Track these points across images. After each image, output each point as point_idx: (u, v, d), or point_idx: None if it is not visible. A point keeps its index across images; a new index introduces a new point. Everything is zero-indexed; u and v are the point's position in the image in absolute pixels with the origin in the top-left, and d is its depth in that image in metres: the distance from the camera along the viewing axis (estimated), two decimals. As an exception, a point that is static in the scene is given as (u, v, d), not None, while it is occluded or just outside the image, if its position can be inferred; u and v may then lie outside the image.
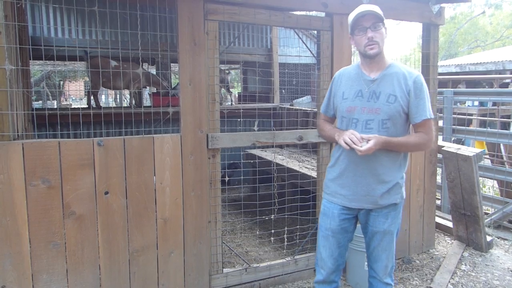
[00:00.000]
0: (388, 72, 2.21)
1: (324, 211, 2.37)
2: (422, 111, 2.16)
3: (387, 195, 2.23)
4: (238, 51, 6.86)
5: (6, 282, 2.40)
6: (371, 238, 2.32)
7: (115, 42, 5.67)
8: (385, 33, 2.19)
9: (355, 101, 2.21)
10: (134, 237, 2.74)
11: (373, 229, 2.29)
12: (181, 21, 2.81)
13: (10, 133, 2.38)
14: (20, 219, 2.42)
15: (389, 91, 2.17)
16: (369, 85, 2.21)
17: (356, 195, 2.24)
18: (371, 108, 2.17)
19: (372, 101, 2.18)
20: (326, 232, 2.34)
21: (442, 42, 23.64)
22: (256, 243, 4.25)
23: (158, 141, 2.78)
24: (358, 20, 2.16)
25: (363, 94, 2.21)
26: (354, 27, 2.19)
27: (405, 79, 2.18)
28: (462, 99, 6.59)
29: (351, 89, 2.26)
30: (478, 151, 3.91)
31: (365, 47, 2.16)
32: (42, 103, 14.47)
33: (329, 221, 2.32)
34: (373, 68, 2.23)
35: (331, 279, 2.39)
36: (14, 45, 2.61)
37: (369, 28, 2.13)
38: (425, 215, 4.00)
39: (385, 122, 2.15)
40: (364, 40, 2.15)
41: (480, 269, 3.68)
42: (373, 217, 2.27)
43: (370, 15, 2.12)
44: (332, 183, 2.33)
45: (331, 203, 2.33)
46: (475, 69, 11.50)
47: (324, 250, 2.36)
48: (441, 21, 3.87)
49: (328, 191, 2.37)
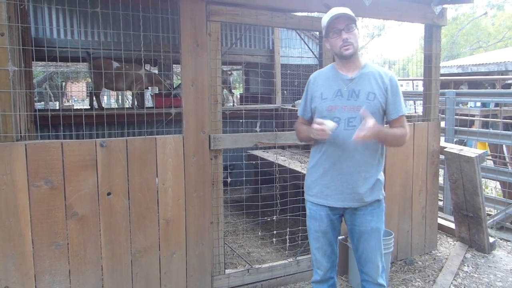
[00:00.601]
0: (364, 71, 2.29)
1: (311, 214, 2.38)
2: (399, 108, 2.27)
3: (370, 191, 2.28)
4: (240, 52, 6.87)
5: (9, 283, 2.41)
6: (359, 238, 2.34)
7: (117, 43, 5.68)
8: (358, 33, 2.26)
9: (335, 101, 2.26)
10: (136, 238, 2.74)
11: (361, 228, 2.31)
12: (184, 22, 2.81)
13: (13, 134, 2.39)
14: (23, 220, 2.42)
15: (368, 89, 2.24)
16: (348, 84, 2.27)
17: (342, 194, 2.26)
18: (352, 106, 2.23)
19: (353, 100, 2.24)
20: (316, 234, 2.37)
21: (444, 43, 23.61)
22: (258, 244, 4.25)
23: (161, 142, 2.79)
24: (332, 23, 2.21)
25: (342, 93, 2.26)
26: (329, 29, 2.25)
27: (381, 77, 2.27)
28: (464, 100, 6.57)
29: (330, 89, 2.30)
30: (480, 152, 3.91)
31: (341, 48, 2.22)
32: (45, 104, 14.51)
33: (318, 223, 2.34)
34: (350, 67, 2.29)
35: (327, 277, 2.43)
36: (17, 46, 2.61)
37: (343, 30, 2.20)
38: (427, 216, 4.00)
39: None
40: (339, 41, 2.22)
41: (482, 271, 3.67)
42: (359, 216, 2.30)
43: (343, 17, 2.19)
44: (316, 184, 2.34)
45: (317, 205, 2.34)
46: (477, 70, 11.47)
47: (317, 251, 2.39)
48: (443, 22, 3.87)
49: (311, 193, 2.37)
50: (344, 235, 3.46)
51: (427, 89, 3.95)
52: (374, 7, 3.42)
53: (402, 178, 3.79)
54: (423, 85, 4.08)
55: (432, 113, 3.95)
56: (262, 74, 7.00)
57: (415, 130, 3.83)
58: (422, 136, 3.88)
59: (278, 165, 4.55)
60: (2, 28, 2.31)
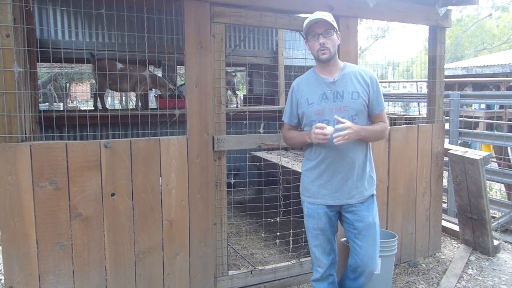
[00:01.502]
0: (345, 72, 2.40)
1: (308, 213, 2.46)
2: (381, 103, 2.41)
3: (366, 186, 2.41)
4: (244, 53, 6.86)
5: (13, 283, 2.42)
6: (357, 235, 2.41)
7: (121, 44, 5.70)
8: (338, 39, 2.36)
9: (322, 104, 2.35)
10: (140, 239, 2.75)
11: (359, 224, 2.40)
12: (188, 24, 2.82)
13: (18, 135, 2.40)
14: (27, 220, 2.43)
15: (351, 89, 2.35)
16: (331, 87, 2.36)
17: (338, 192, 2.37)
18: (338, 107, 2.33)
19: (338, 101, 2.34)
20: (315, 232, 2.44)
21: (449, 44, 23.56)
22: (261, 246, 4.25)
23: (164, 143, 2.79)
24: (311, 27, 2.31)
25: (327, 96, 2.36)
26: (308, 33, 2.35)
27: (361, 76, 2.39)
28: (468, 102, 6.55)
29: (314, 93, 2.39)
30: (485, 154, 3.89)
31: (318, 52, 2.32)
32: (49, 105, 14.56)
33: (316, 221, 2.43)
34: (330, 70, 2.40)
35: (327, 274, 2.49)
36: (23, 48, 2.63)
37: (321, 34, 2.29)
38: (431, 218, 3.98)
39: (354, 118, 2.32)
40: (317, 45, 2.31)
41: (487, 273, 3.65)
42: (357, 213, 2.40)
43: (322, 22, 2.28)
44: (312, 185, 2.43)
45: (315, 205, 2.43)
46: (481, 71, 11.43)
47: (316, 249, 2.47)
48: (447, 24, 3.86)
49: (308, 194, 2.45)
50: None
51: (431, 91, 3.94)
52: (378, 9, 3.42)
53: (406, 180, 3.78)
54: (427, 86, 4.07)
55: (437, 115, 3.94)
56: (265, 76, 7.00)
57: (419, 132, 3.82)
58: (426, 138, 3.86)
59: (282, 167, 4.55)
60: (8, 29, 2.33)
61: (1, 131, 2.36)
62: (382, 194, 3.67)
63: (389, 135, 3.64)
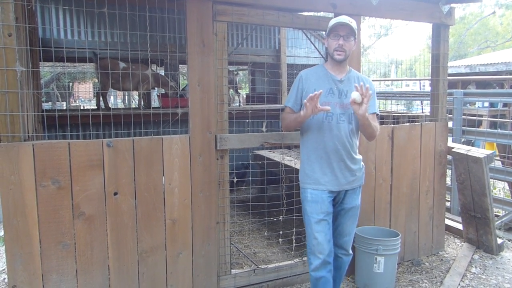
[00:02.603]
0: (351, 75, 2.64)
1: (312, 198, 2.57)
2: (373, 106, 2.63)
3: (361, 174, 2.67)
4: (246, 52, 6.86)
5: (17, 282, 2.42)
6: (344, 215, 2.66)
7: (124, 43, 5.70)
8: (354, 45, 2.58)
9: (328, 97, 2.55)
10: (143, 238, 2.75)
11: (347, 206, 2.64)
12: (190, 22, 2.82)
13: (21, 134, 2.40)
14: (30, 220, 2.44)
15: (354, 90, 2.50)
16: (338, 85, 2.58)
17: (339, 178, 2.56)
18: (341, 104, 2.55)
19: (342, 98, 2.56)
20: (319, 217, 2.55)
21: (452, 42, 23.44)
22: (264, 244, 4.25)
23: (167, 142, 2.79)
24: (336, 27, 2.51)
25: (333, 91, 2.57)
26: (331, 31, 2.53)
27: (363, 81, 2.58)
28: (472, 100, 6.51)
29: (323, 87, 2.54)
30: (488, 153, 3.87)
31: (334, 51, 2.53)
32: (52, 105, 14.60)
33: (320, 206, 2.55)
34: (340, 70, 2.62)
35: (327, 261, 2.57)
36: (25, 47, 2.63)
37: (342, 36, 2.50)
38: (435, 217, 3.97)
39: (352, 116, 2.55)
40: (335, 45, 2.52)
41: (490, 272, 3.64)
42: (348, 196, 2.63)
43: (347, 27, 2.49)
44: (313, 173, 2.58)
45: (318, 190, 2.57)
46: (485, 69, 11.38)
47: (319, 235, 2.54)
48: (451, 22, 3.84)
49: (310, 181, 2.60)
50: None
51: (435, 89, 3.92)
52: (381, 7, 3.41)
53: (409, 179, 3.77)
54: (431, 85, 4.05)
55: (440, 113, 3.92)
56: (268, 74, 6.99)
57: (423, 130, 3.80)
58: (429, 136, 3.85)
59: (284, 165, 4.54)
60: (10, 28, 2.33)
61: (3, 130, 2.36)
62: (385, 193, 3.66)
63: (392, 133, 3.63)
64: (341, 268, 2.78)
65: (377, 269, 3.22)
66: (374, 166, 3.57)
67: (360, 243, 3.31)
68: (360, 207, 3.50)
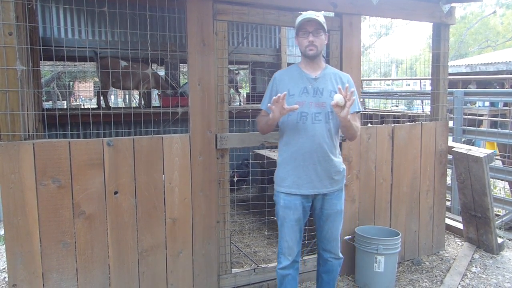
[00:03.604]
0: (326, 72, 2.55)
1: (286, 204, 2.51)
2: (355, 105, 2.49)
3: (339, 177, 2.55)
4: (246, 51, 6.85)
5: (17, 281, 2.43)
6: (326, 220, 2.57)
7: (124, 42, 5.70)
8: (325, 39, 2.51)
9: (302, 97, 2.47)
10: (143, 237, 2.75)
11: (329, 211, 2.55)
12: (190, 22, 2.81)
13: (21, 133, 2.40)
14: (31, 219, 2.44)
15: (330, 88, 2.49)
16: (312, 83, 2.49)
17: (313, 182, 2.47)
18: (317, 103, 2.45)
19: (318, 97, 2.47)
20: (291, 223, 2.52)
21: (452, 42, 23.44)
22: (264, 244, 4.25)
23: (167, 141, 2.79)
24: (303, 24, 2.44)
25: (308, 90, 2.48)
26: (299, 30, 2.47)
27: (340, 78, 2.55)
28: (472, 99, 6.51)
29: (296, 86, 2.49)
30: (489, 152, 3.87)
31: (306, 48, 2.46)
32: (52, 104, 14.59)
33: (292, 212, 2.50)
34: (314, 67, 2.53)
35: (295, 261, 2.59)
36: (25, 46, 2.63)
37: (311, 32, 2.43)
38: (435, 216, 3.97)
39: (329, 114, 2.45)
40: (306, 42, 2.45)
41: (491, 271, 3.64)
42: (328, 201, 2.53)
43: (314, 21, 2.41)
44: (288, 176, 2.50)
45: (291, 195, 2.50)
46: (485, 69, 11.38)
47: (290, 239, 2.54)
48: (451, 21, 3.84)
49: (285, 185, 2.52)
50: (351, 235, 3.45)
51: (435, 88, 3.92)
52: (382, 6, 3.40)
53: (410, 178, 3.77)
54: (431, 84, 4.05)
55: (440, 112, 3.92)
56: (268, 74, 6.98)
57: (423, 130, 3.80)
58: (430, 135, 3.85)
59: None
60: (10, 27, 2.33)
61: (4, 129, 2.36)
62: (385, 192, 3.66)
63: (393, 132, 3.63)
64: (332, 272, 2.69)
65: (377, 269, 3.22)
66: (374, 166, 3.57)
67: (361, 242, 3.31)
68: (361, 206, 3.53)
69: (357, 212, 3.53)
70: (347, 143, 3.38)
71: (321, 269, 2.72)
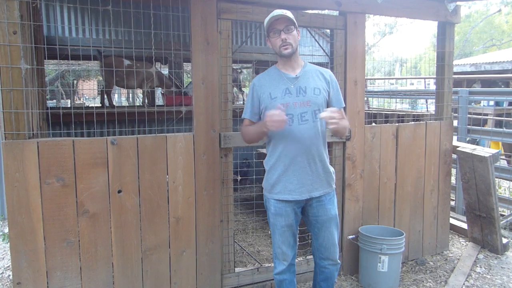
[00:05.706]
0: (307, 69, 2.47)
1: (276, 211, 2.46)
2: (340, 100, 2.50)
3: (329, 180, 2.48)
4: (250, 50, 6.85)
5: (21, 279, 2.44)
6: (321, 228, 2.50)
7: (128, 41, 5.71)
8: (298, 35, 2.41)
9: (285, 98, 2.38)
10: (147, 236, 2.75)
11: (323, 218, 2.48)
12: (194, 20, 2.81)
13: (25, 132, 2.41)
14: (35, 217, 2.44)
15: (313, 85, 2.41)
16: (294, 82, 2.41)
17: (304, 186, 2.40)
18: (302, 102, 2.37)
19: (301, 96, 2.38)
20: (283, 229, 2.47)
21: (457, 41, 23.35)
22: (267, 243, 4.24)
23: (171, 140, 2.79)
24: (272, 24, 2.36)
25: (290, 91, 2.39)
26: (269, 30, 2.39)
27: (322, 74, 2.48)
28: (477, 98, 6.49)
29: (277, 88, 2.41)
30: (494, 152, 3.85)
31: (280, 48, 2.37)
32: (56, 102, 14.64)
33: (284, 219, 2.45)
34: (293, 66, 2.45)
35: (291, 264, 2.56)
36: (30, 45, 2.63)
37: (282, 30, 2.34)
38: (439, 216, 3.95)
39: (316, 112, 2.37)
40: (279, 41, 2.36)
41: (495, 272, 3.62)
42: (321, 206, 2.46)
43: (283, 18, 2.34)
44: (279, 181, 2.43)
45: (282, 202, 2.44)
46: (490, 68, 11.33)
47: (283, 245, 2.49)
48: (457, 20, 3.81)
49: (275, 191, 2.45)
50: (355, 234, 3.44)
51: (440, 88, 3.90)
52: (387, 5, 3.39)
53: (414, 178, 3.75)
54: (436, 83, 4.03)
55: (445, 111, 3.90)
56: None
57: (427, 129, 3.79)
58: (434, 135, 3.83)
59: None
60: (15, 26, 2.33)
61: (8, 128, 2.37)
62: (389, 192, 3.65)
63: (397, 132, 3.62)
64: (330, 279, 2.62)
65: (381, 268, 3.21)
66: (378, 165, 3.56)
67: (364, 242, 3.30)
68: (365, 206, 3.52)
69: (361, 212, 3.52)
70: (351, 142, 3.37)
71: (319, 278, 2.66)
